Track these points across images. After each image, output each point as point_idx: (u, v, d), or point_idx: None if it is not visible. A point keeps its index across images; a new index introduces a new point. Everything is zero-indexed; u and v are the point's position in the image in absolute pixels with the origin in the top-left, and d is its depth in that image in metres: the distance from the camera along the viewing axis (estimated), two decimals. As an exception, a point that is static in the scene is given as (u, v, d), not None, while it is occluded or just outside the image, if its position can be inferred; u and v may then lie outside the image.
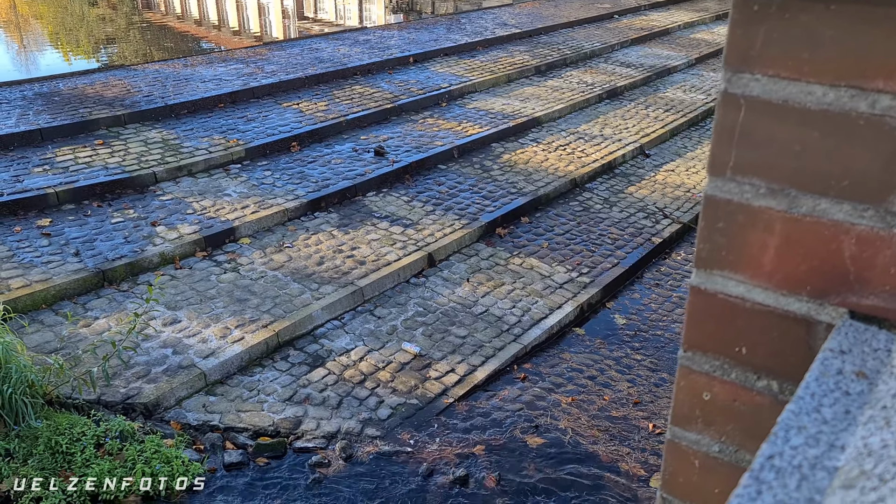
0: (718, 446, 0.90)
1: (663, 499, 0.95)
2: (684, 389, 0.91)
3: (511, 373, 6.88)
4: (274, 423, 5.92)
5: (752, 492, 0.54)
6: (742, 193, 0.82)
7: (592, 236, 9.19)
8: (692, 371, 0.90)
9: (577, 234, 9.21)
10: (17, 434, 5.25)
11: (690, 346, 0.90)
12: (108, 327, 6.52)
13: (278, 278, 7.53)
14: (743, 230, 0.82)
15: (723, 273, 0.85)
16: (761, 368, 0.85)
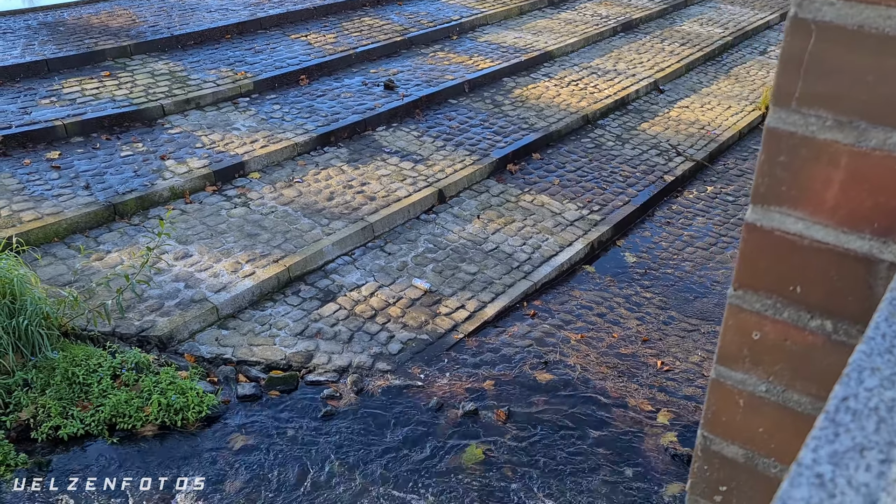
0: (765, 386, 0.88)
1: (704, 437, 0.94)
2: (732, 329, 0.89)
3: (521, 309, 6.91)
4: (286, 356, 5.99)
5: (829, 434, 0.52)
6: (807, 126, 0.78)
7: (604, 174, 9.11)
8: (742, 310, 0.88)
9: (589, 172, 9.13)
10: (34, 365, 5.33)
11: (742, 285, 0.88)
12: (121, 261, 6.55)
13: (288, 213, 7.51)
14: (806, 164, 0.79)
15: (781, 209, 0.82)
16: (816, 307, 0.83)
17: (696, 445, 0.97)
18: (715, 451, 0.94)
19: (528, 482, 5.06)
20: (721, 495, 0.94)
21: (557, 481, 5.07)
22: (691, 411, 5.74)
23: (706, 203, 8.96)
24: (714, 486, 0.94)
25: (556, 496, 4.95)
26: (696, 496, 0.96)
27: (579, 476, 5.12)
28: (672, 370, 6.22)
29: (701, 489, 0.96)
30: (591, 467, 5.20)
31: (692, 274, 7.61)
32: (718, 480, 0.94)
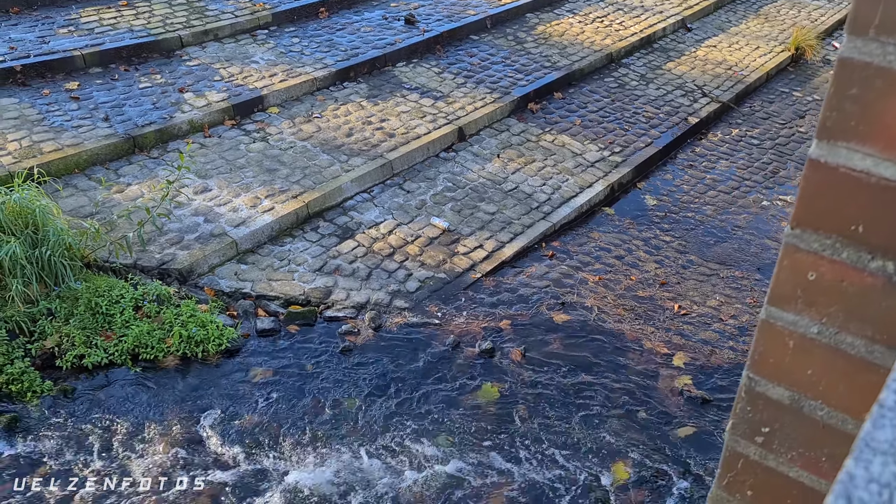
0: (818, 328, 0.86)
1: (749, 378, 0.93)
2: (787, 269, 0.87)
3: (539, 250, 6.89)
4: (304, 292, 6.03)
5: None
6: (885, 55, 0.73)
7: (626, 114, 8.96)
8: (798, 250, 0.85)
9: (611, 112, 8.98)
10: (57, 295, 5.39)
11: (800, 224, 0.85)
12: (141, 194, 6.56)
13: (307, 149, 7.46)
14: (880, 97, 0.75)
15: (849, 145, 0.78)
16: (878, 248, 0.80)
17: (741, 386, 0.96)
18: (760, 392, 0.92)
19: (543, 421, 5.12)
20: (763, 436, 0.93)
21: (571, 421, 5.13)
22: (707, 355, 5.76)
23: (730, 146, 8.82)
24: (756, 427, 0.93)
25: (570, 433, 5.02)
26: (737, 436, 0.96)
27: (593, 416, 5.18)
28: (689, 314, 6.21)
29: (742, 430, 0.95)
30: (605, 408, 5.25)
31: (713, 218, 7.54)
32: (761, 422, 0.93)
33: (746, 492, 0.95)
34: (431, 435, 4.97)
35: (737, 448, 0.95)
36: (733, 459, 0.96)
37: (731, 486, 0.97)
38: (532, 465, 4.79)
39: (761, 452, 0.93)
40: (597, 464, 4.82)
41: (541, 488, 4.64)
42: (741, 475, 0.95)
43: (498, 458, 4.83)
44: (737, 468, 0.95)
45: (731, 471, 0.96)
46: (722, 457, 0.98)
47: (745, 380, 0.94)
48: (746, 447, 0.94)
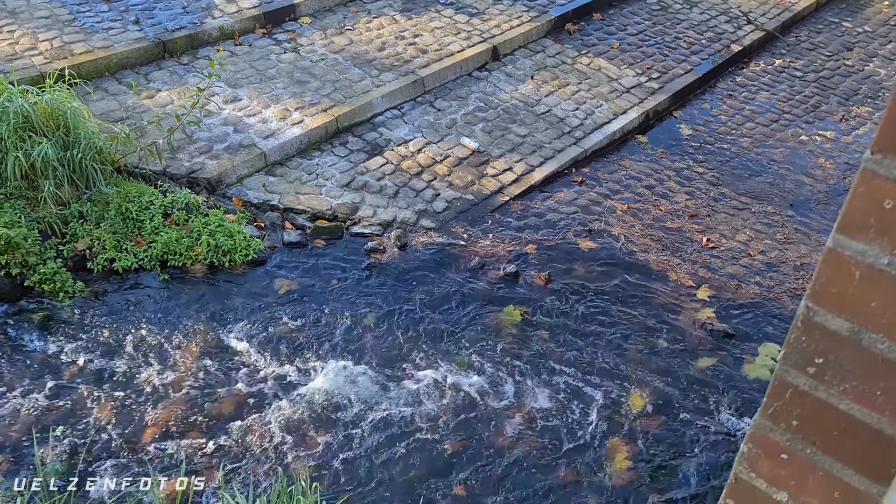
0: (888, 259, 0.83)
1: (808, 308, 0.90)
2: (862, 196, 0.83)
3: (568, 176, 6.81)
4: (331, 207, 6.03)
5: None
6: None
7: (667, 39, 8.67)
8: (877, 176, 0.81)
9: (651, 36, 8.69)
10: (88, 198, 5.43)
11: (882, 149, 0.80)
12: (171, 100, 6.51)
13: (339, 62, 7.33)
14: None
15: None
16: (964, 178, 0.76)
17: (797, 316, 0.93)
18: (817, 322, 0.90)
19: (563, 345, 5.16)
20: (815, 367, 0.91)
21: (591, 346, 5.16)
22: (732, 290, 5.72)
23: (772, 77, 8.54)
24: (810, 357, 0.91)
25: (589, 360, 5.06)
26: (788, 366, 0.94)
27: (613, 342, 5.20)
28: (717, 248, 6.15)
29: (794, 360, 0.93)
30: (626, 335, 5.27)
31: (749, 151, 7.38)
32: (815, 352, 0.91)
33: (792, 422, 0.94)
34: (451, 354, 5.03)
35: (787, 378, 0.94)
36: (782, 389, 0.94)
37: (777, 416, 0.96)
38: (549, 389, 4.85)
39: (812, 383, 0.91)
40: (613, 390, 4.87)
41: (556, 411, 4.71)
42: (788, 405, 0.94)
43: (516, 380, 4.90)
44: (784, 398, 0.94)
45: (778, 400, 0.95)
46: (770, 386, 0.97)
47: (802, 309, 0.91)
48: (797, 377, 0.93)
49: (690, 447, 4.56)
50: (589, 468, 4.40)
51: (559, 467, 4.39)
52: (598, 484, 4.32)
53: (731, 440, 4.62)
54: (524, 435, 4.56)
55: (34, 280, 5.06)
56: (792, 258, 6.08)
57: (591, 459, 4.45)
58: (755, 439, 1.00)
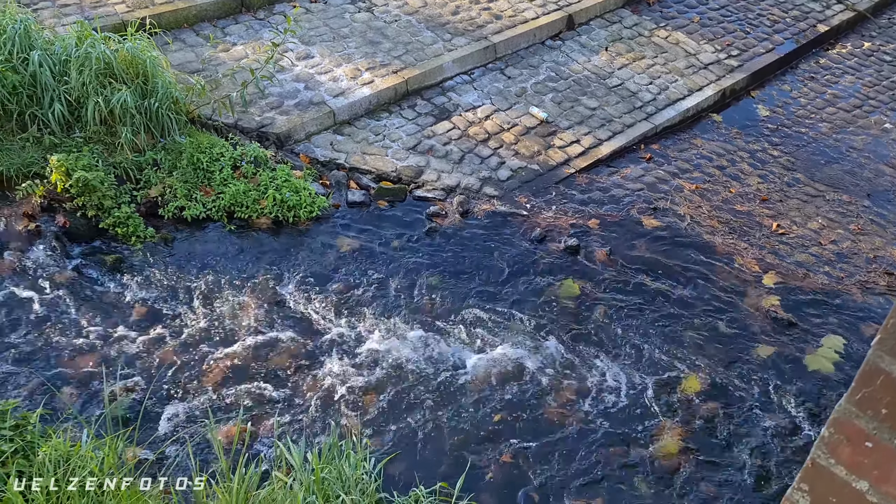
0: None
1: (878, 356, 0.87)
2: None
3: (637, 152, 6.68)
4: (396, 169, 6.05)
5: None
6: None
7: (750, 15, 8.38)
8: None
9: (734, 11, 8.41)
10: (163, 147, 5.57)
11: None
12: (245, 55, 6.59)
13: (412, 24, 7.30)
14: None
15: None
16: None
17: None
18: (919, 308, 0.87)
19: (620, 322, 5.11)
20: (912, 355, 0.88)
21: (649, 325, 5.10)
22: (800, 278, 5.57)
23: (859, 60, 8.19)
24: (907, 345, 0.88)
25: (646, 339, 5.00)
26: (883, 352, 0.91)
27: (672, 324, 5.13)
28: (787, 234, 5.98)
29: (890, 346, 0.90)
30: (685, 317, 5.19)
31: (828, 136, 7.11)
32: (914, 340, 0.88)
33: (881, 409, 0.91)
34: (506, 322, 5.03)
35: (880, 364, 0.91)
36: (872, 375, 0.92)
37: (864, 402, 0.93)
38: (603, 365, 4.82)
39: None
40: (669, 371, 4.82)
41: (608, 388, 4.69)
42: (879, 392, 0.91)
43: (569, 353, 4.88)
44: (875, 384, 0.91)
45: (867, 386, 0.92)
46: (860, 371, 0.94)
47: (872, 355, 0.88)
48: (891, 364, 0.90)
49: (745, 435, 4.49)
50: (638, 448, 4.37)
51: (608, 444, 4.38)
52: (646, 464, 4.29)
53: (788, 432, 4.53)
54: (574, 409, 4.55)
55: (108, 223, 5.23)
56: (865, 250, 5.87)
57: (641, 439, 4.42)
58: (838, 424, 0.97)
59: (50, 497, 3.10)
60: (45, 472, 3.21)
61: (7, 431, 3.45)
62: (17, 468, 3.28)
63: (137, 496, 3.24)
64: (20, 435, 3.48)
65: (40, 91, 5.34)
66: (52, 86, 5.32)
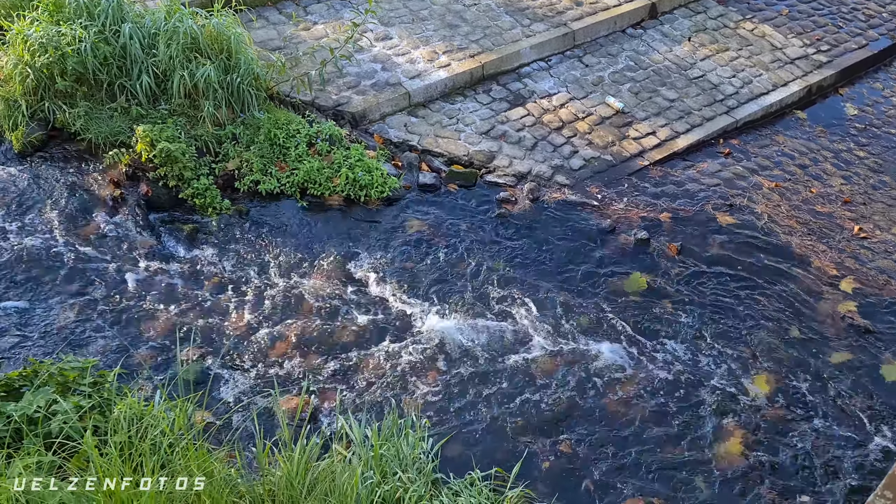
0: None
1: None
2: None
3: (715, 146, 6.52)
4: (468, 153, 6.05)
5: None
6: None
7: (843, 9, 8.04)
8: None
9: (826, 4, 8.08)
10: (242, 121, 5.71)
11: None
12: (326, 34, 6.68)
13: (491, 8, 7.26)
14: None
15: None
16: None
17: None
18: None
19: (687, 319, 5.02)
20: None
21: (718, 324, 5.00)
22: (880, 285, 5.36)
23: (959, 61, 7.78)
24: None
25: (714, 338, 4.90)
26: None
27: (742, 324, 5.01)
28: (869, 238, 5.75)
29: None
30: (756, 318, 5.06)
31: (920, 139, 6.79)
32: None
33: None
34: (571, 312, 5.00)
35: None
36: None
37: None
38: (667, 361, 4.75)
39: None
40: (736, 372, 4.71)
41: (672, 385, 4.62)
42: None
43: (634, 347, 4.82)
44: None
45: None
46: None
47: None
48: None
49: (812, 442, 4.36)
50: (699, 447, 4.30)
51: (668, 441, 4.32)
52: (707, 464, 4.22)
53: (859, 441, 4.38)
54: (636, 403, 4.50)
55: (187, 193, 5.40)
56: (954, 260, 5.61)
57: (703, 439, 4.35)
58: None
59: (123, 452, 3.24)
60: (119, 429, 3.36)
61: (86, 388, 3.62)
62: (94, 423, 3.44)
63: (204, 457, 3.35)
64: (97, 392, 3.65)
65: (129, 63, 5.54)
66: (140, 58, 5.51)
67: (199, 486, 3.18)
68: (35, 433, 3.31)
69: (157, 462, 3.28)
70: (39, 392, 3.43)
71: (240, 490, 3.35)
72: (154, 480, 3.08)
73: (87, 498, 3.06)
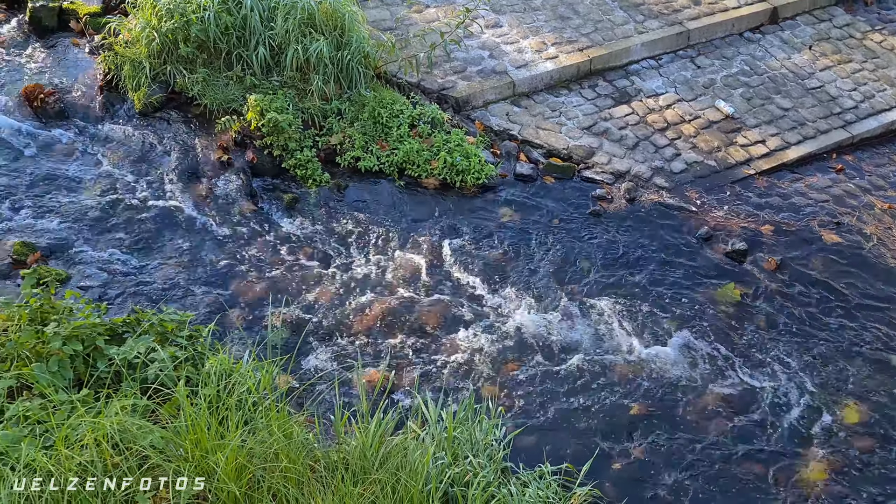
0: None
1: None
2: None
3: (827, 160, 6.24)
4: (568, 147, 6.01)
5: None
6: None
7: (985, 27, 7.53)
8: None
9: (965, 21, 7.58)
10: (348, 98, 5.84)
11: None
12: (437, 17, 6.74)
13: (605, 2, 7.16)
14: None
15: None
16: None
17: None
18: None
19: (780, 337, 4.85)
20: None
21: (812, 346, 4.81)
22: None
23: None
24: None
25: (806, 359, 4.72)
26: None
27: (838, 347, 4.80)
28: None
29: None
30: (854, 344, 4.84)
31: None
32: None
33: None
34: (656, 316, 4.92)
35: None
36: None
37: None
38: (754, 377, 4.61)
39: None
40: (827, 397, 4.53)
41: (756, 402, 4.48)
42: None
43: (720, 360, 4.70)
44: None
45: None
46: None
47: None
48: None
49: (901, 478, 4.16)
50: (780, 469, 4.17)
51: (747, 459, 4.20)
52: (786, 488, 4.09)
53: (953, 484, 4.15)
54: (716, 416, 4.40)
55: (290, 164, 5.58)
56: None
57: (784, 461, 4.21)
58: None
59: (211, 405, 3.40)
60: (209, 382, 3.53)
61: (182, 340, 3.82)
62: (187, 374, 3.63)
63: (285, 419, 3.49)
64: (192, 345, 3.84)
65: (248, 34, 5.75)
66: (258, 30, 5.71)
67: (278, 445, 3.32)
68: (133, 377, 3.52)
69: (241, 418, 3.43)
70: (140, 339, 3.64)
71: (315, 454, 3.47)
72: (237, 435, 3.23)
73: (176, 443, 3.24)
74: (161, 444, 3.19)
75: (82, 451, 3.06)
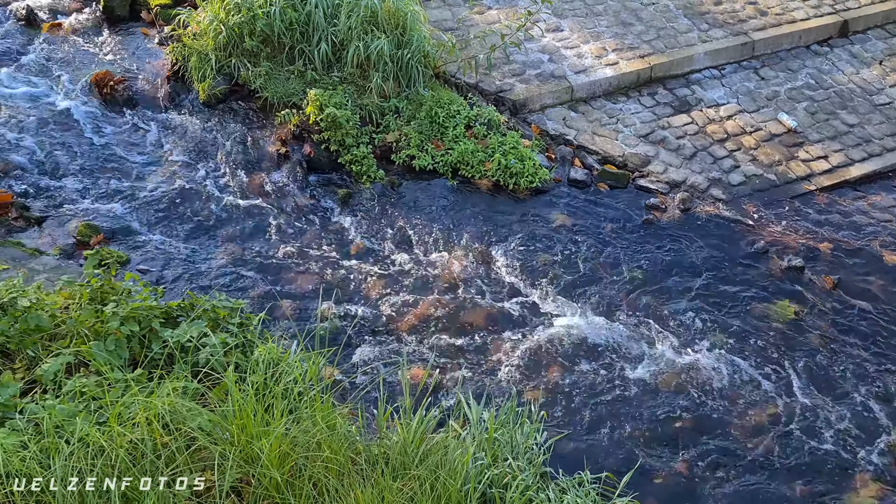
0: None
1: None
2: None
3: (892, 179, 6.06)
4: (624, 154, 5.95)
5: None
6: None
7: None
8: None
9: None
10: (406, 96, 5.89)
11: None
12: (498, 19, 6.75)
13: (669, 9, 7.07)
14: None
15: None
16: None
17: None
18: None
19: (833, 357, 4.73)
20: None
21: (868, 369, 4.67)
22: None
23: None
24: None
25: (861, 383, 4.59)
26: None
27: (892, 373, 4.66)
28: None
29: None
30: (912, 369, 4.69)
31: None
32: None
33: None
34: (707, 330, 4.84)
35: None
36: None
37: None
38: (805, 396, 4.50)
39: None
40: (881, 422, 4.40)
41: (805, 421, 4.37)
42: None
43: (771, 377, 4.60)
44: None
45: None
46: None
47: None
48: None
49: (956, 511, 4.02)
50: (827, 491, 4.07)
51: (794, 479, 4.11)
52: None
53: None
54: (765, 434, 4.31)
55: (346, 159, 5.65)
56: None
57: (832, 485, 4.10)
58: None
59: (258, 392, 3.47)
60: (257, 370, 3.60)
61: (233, 327, 3.90)
62: (236, 360, 3.71)
63: (329, 410, 3.54)
64: (243, 332, 3.92)
65: (311, 30, 5.85)
66: (322, 26, 5.80)
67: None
68: (185, 360, 3.61)
69: (286, 407, 3.49)
70: (193, 324, 3.74)
71: (357, 447, 3.51)
72: (282, 423, 3.29)
73: (223, 427, 3.31)
74: (209, 427, 3.26)
75: (134, 429, 3.15)
